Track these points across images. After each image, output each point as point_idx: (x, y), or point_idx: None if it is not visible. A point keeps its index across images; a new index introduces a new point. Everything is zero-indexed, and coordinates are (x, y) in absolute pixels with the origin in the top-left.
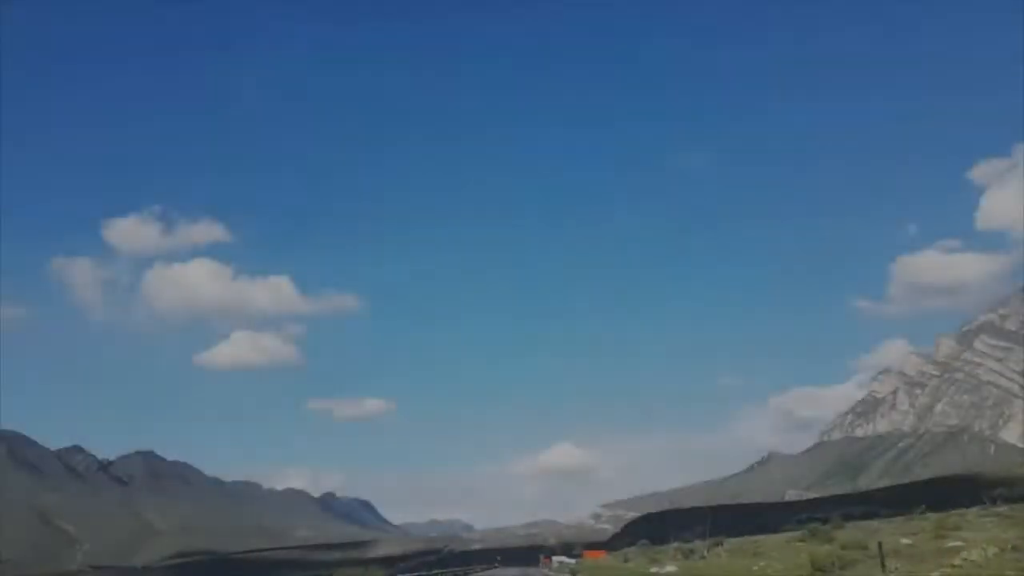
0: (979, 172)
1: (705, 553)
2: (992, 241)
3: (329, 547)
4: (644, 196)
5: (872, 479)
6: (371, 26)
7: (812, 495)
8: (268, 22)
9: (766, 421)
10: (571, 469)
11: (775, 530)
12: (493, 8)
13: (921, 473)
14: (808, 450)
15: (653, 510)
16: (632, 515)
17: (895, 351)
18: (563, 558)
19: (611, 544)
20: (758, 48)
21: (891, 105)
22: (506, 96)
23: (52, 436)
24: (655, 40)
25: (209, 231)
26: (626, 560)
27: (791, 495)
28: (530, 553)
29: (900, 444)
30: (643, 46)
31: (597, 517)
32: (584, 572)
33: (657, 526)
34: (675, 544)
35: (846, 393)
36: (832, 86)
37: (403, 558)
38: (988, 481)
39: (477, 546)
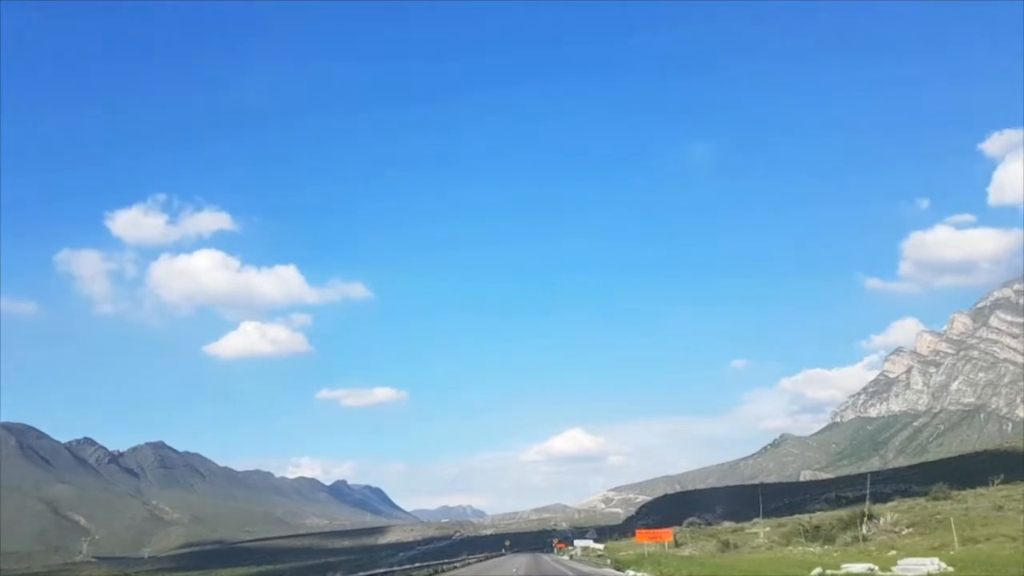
0: (992, 144)
1: (864, 532)
2: (1005, 216)
3: (340, 534)
4: (650, 182)
5: (887, 459)
6: (376, 21)
7: (826, 475)
8: (275, 14)
9: (776, 404)
10: (581, 455)
11: (802, 510)
12: (496, 3)
13: (937, 452)
14: (821, 431)
15: (662, 493)
16: (643, 499)
17: (906, 330)
18: (588, 542)
19: (626, 527)
20: (760, 25)
21: (901, 75)
22: (509, 90)
23: (62, 429)
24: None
25: (214, 220)
26: (677, 544)
27: (806, 476)
28: (541, 537)
29: (915, 423)
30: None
31: (608, 501)
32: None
33: (675, 508)
34: (754, 520)
35: (857, 374)
36: (839, 57)
37: (412, 544)
38: (1022, 457)
39: (488, 531)
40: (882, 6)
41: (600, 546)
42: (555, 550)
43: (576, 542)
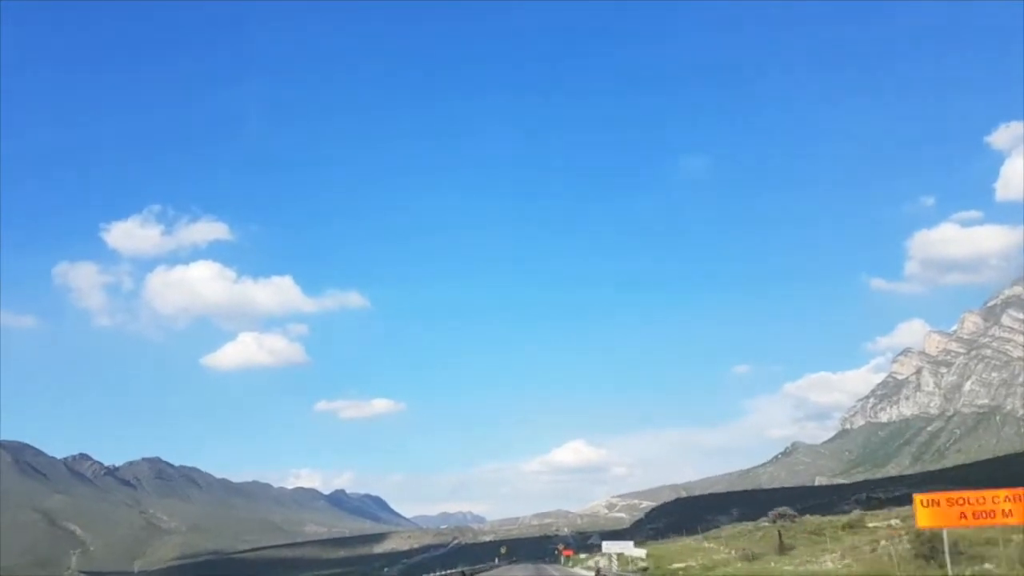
0: (999, 137)
1: None
2: (1013, 212)
3: (336, 543)
4: (651, 188)
5: (904, 465)
6: (374, 28)
7: (840, 481)
8: (271, 21)
9: (780, 410)
10: (583, 466)
11: (834, 511)
12: (492, 10)
13: (956, 457)
14: (832, 438)
15: (667, 499)
16: (648, 504)
17: (913, 332)
18: (627, 544)
19: (635, 532)
20: (760, 29)
21: (904, 68)
22: (507, 96)
23: (58, 445)
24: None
25: (210, 230)
26: (785, 550)
27: (821, 483)
28: (542, 544)
29: (929, 428)
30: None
31: (611, 506)
32: None
33: (686, 511)
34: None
35: (862, 377)
36: (841, 56)
37: (409, 553)
38: None
39: (487, 538)
40: (883, 5)
41: (641, 552)
42: (562, 559)
43: (606, 545)
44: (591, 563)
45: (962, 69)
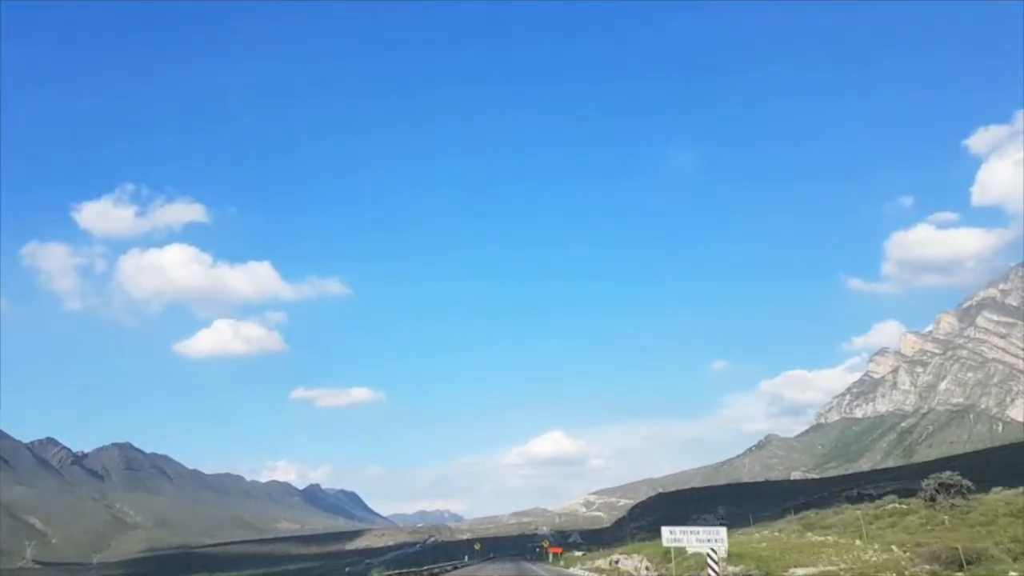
0: (978, 140)
1: None
2: (989, 215)
3: (308, 540)
4: (633, 186)
5: (875, 460)
6: (361, 13)
7: (814, 476)
8: (253, 3)
9: (756, 407)
10: (562, 458)
11: (828, 506)
12: (491, 3)
13: (927, 453)
14: (806, 432)
15: (644, 496)
16: (626, 502)
17: (888, 332)
18: (717, 534)
19: (616, 531)
20: (744, 30)
21: (887, 72)
22: (493, 90)
23: (24, 428)
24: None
25: (186, 212)
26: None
27: (795, 477)
28: (520, 542)
29: (903, 424)
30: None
31: (589, 504)
32: None
33: (671, 508)
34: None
35: (838, 376)
36: (823, 59)
37: (383, 551)
38: None
39: (464, 536)
40: (865, 6)
41: (722, 539)
42: (549, 557)
43: (671, 534)
44: (602, 563)
45: (943, 72)
